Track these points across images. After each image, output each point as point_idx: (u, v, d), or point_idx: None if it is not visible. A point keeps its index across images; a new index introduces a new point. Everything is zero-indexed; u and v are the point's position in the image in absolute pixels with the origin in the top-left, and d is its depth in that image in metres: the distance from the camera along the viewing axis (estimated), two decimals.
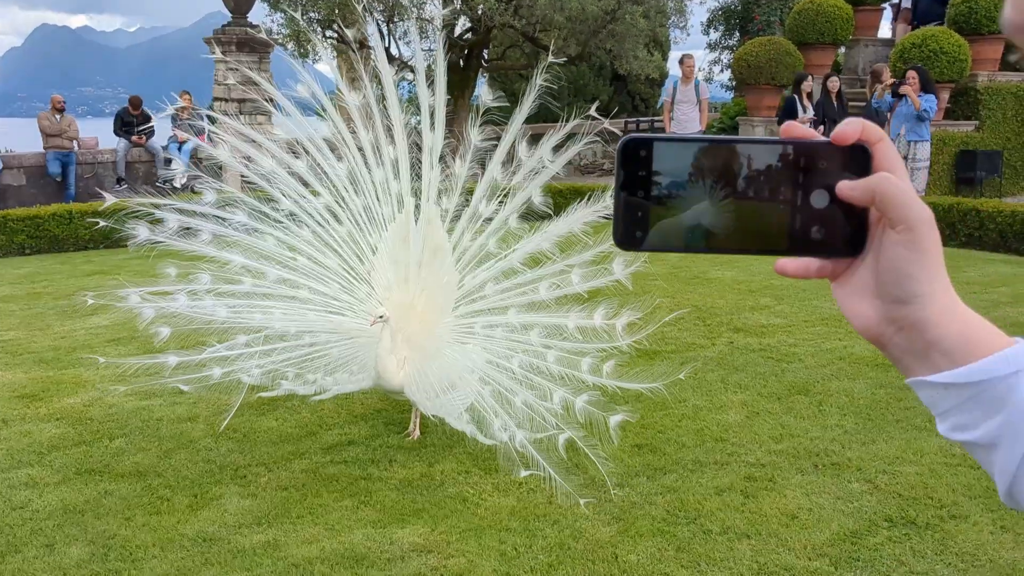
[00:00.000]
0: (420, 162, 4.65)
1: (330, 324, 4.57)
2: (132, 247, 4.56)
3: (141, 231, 4.49)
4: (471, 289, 4.66)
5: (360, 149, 4.65)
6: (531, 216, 4.79)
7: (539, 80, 4.83)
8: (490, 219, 4.74)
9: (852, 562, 3.45)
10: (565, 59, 17.47)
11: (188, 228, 4.51)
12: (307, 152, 4.73)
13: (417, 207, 4.63)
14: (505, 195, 4.80)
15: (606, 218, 4.86)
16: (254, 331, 4.55)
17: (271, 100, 4.90)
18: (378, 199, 4.68)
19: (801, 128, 0.74)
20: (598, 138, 4.94)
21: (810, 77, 13.71)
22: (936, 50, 13.89)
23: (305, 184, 4.73)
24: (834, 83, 13.38)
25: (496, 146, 4.76)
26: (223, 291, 4.57)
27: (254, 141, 4.70)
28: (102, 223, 4.49)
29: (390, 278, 4.56)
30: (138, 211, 4.48)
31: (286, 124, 4.68)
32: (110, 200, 4.58)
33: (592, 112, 4.40)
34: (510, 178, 4.73)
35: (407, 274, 4.55)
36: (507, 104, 4.85)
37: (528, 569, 3.44)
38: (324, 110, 4.72)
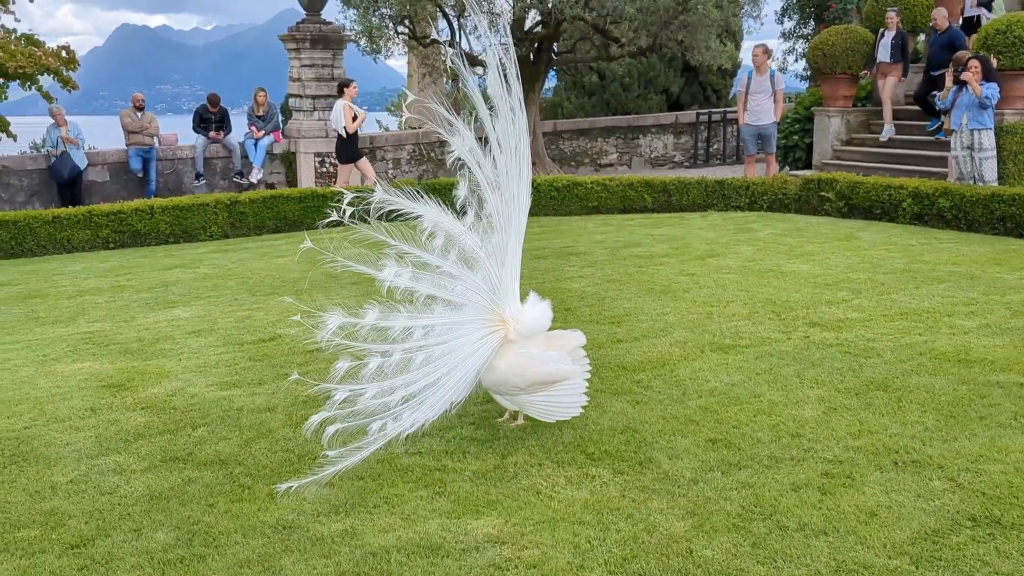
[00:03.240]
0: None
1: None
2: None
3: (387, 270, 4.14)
4: None
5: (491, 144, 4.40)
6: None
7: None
8: None
9: (934, 561, 3.38)
10: (636, 51, 17.39)
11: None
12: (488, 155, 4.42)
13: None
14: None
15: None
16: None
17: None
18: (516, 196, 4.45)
19: None
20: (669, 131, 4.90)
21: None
22: (1021, 36, 13.43)
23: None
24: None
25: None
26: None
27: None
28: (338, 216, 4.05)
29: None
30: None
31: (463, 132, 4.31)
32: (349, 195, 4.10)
33: None
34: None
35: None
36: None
37: (602, 562, 3.44)
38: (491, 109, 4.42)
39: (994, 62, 12.79)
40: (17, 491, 4.24)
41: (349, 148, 13.53)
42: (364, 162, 13.97)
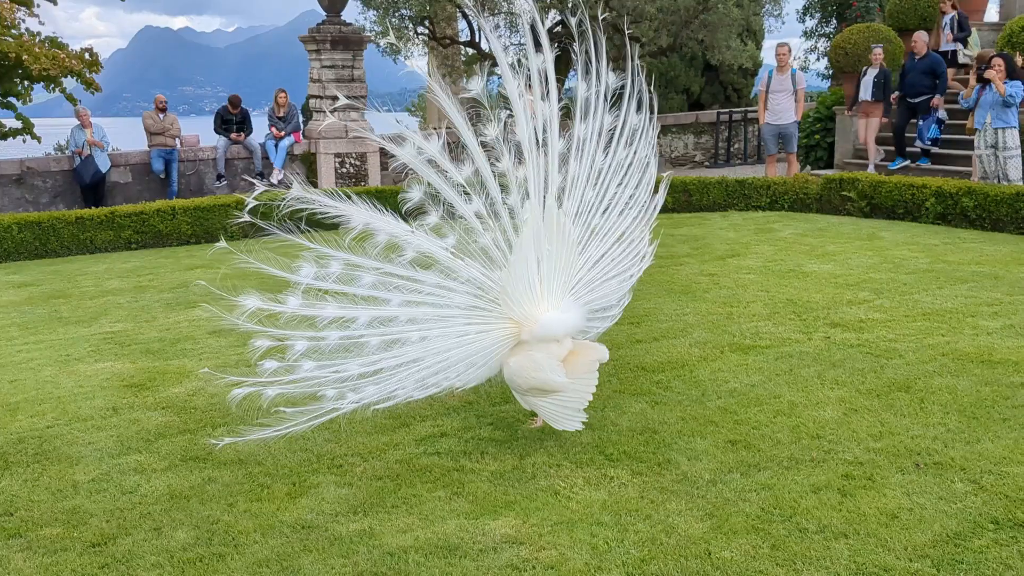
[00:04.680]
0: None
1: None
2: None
3: (307, 268, 4.29)
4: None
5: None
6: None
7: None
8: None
9: (955, 564, 3.35)
10: (657, 51, 17.34)
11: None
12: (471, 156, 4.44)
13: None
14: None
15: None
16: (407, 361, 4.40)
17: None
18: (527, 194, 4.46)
19: None
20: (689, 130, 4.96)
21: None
22: None
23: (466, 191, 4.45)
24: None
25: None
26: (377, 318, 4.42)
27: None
28: (247, 217, 4.24)
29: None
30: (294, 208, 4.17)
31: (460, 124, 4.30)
32: (259, 190, 4.28)
33: None
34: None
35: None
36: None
37: (619, 563, 3.43)
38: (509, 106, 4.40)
39: (1019, 60, 12.68)
40: (40, 490, 4.28)
41: None
42: None
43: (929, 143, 13.55)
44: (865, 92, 14.07)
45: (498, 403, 5.14)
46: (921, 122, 13.59)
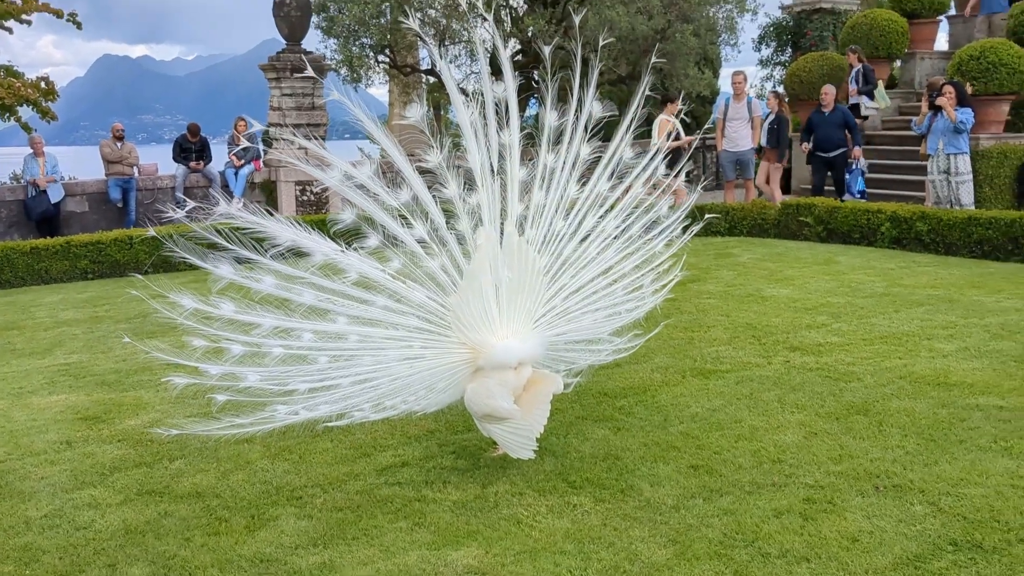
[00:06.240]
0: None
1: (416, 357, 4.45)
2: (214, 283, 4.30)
3: (224, 268, 4.24)
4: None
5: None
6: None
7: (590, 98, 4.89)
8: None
9: None
10: (616, 79, 17.51)
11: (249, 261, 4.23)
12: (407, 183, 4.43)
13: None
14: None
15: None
16: (357, 379, 4.39)
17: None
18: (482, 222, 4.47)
19: None
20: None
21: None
22: (995, 62, 13.67)
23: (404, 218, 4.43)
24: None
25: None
26: (320, 334, 4.39)
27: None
28: (153, 234, 4.31)
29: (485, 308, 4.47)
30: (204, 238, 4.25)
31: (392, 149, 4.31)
32: (176, 216, 4.28)
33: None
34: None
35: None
36: (615, 114, 4.94)
37: None
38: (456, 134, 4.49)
39: (968, 88, 12.98)
40: None
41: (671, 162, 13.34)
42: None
43: (859, 195, 13.47)
44: (762, 136, 13.97)
45: (460, 431, 5.11)
46: (847, 176, 13.47)
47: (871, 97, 15.18)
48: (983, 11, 16.95)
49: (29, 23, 19.29)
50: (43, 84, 19.57)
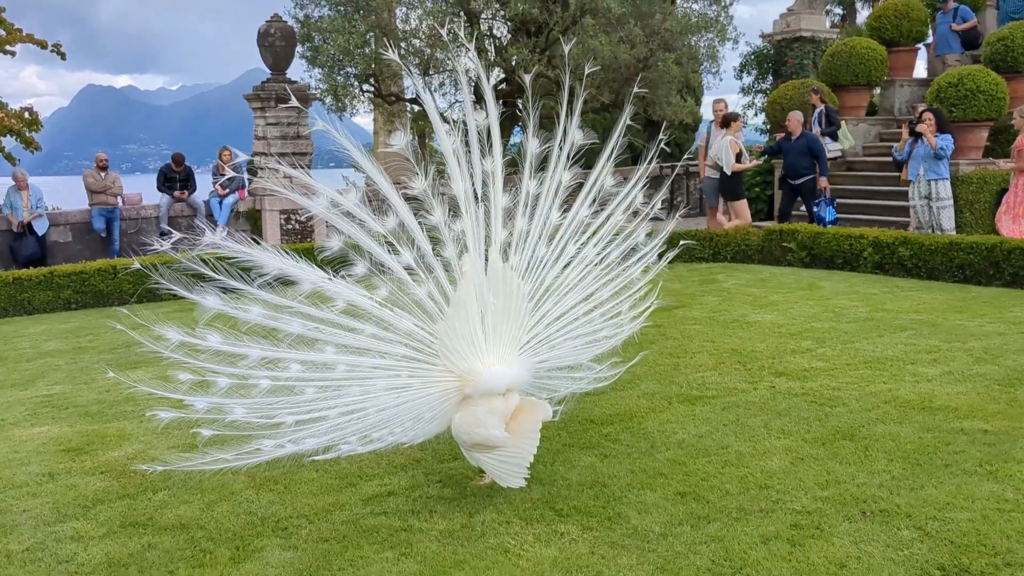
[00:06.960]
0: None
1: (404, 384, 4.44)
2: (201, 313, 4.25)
3: (211, 299, 4.19)
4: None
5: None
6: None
7: (573, 127, 4.93)
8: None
9: None
10: (599, 107, 17.64)
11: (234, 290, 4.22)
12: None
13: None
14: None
15: None
16: (346, 410, 4.37)
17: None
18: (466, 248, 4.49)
19: None
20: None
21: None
22: (973, 89, 13.84)
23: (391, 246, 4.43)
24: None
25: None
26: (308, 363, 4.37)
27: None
28: (138, 266, 4.28)
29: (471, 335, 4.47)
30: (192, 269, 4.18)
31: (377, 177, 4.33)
32: (161, 248, 4.20)
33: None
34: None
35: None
36: (597, 142, 4.98)
37: None
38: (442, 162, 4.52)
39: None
40: None
41: (734, 184, 13.42)
42: (743, 204, 13.67)
43: (830, 224, 13.55)
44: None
45: (446, 460, 5.09)
46: (816, 208, 13.50)
47: (834, 138, 15.20)
48: (937, 51, 17.12)
49: (13, 54, 19.28)
50: (27, 114, 19.53)
